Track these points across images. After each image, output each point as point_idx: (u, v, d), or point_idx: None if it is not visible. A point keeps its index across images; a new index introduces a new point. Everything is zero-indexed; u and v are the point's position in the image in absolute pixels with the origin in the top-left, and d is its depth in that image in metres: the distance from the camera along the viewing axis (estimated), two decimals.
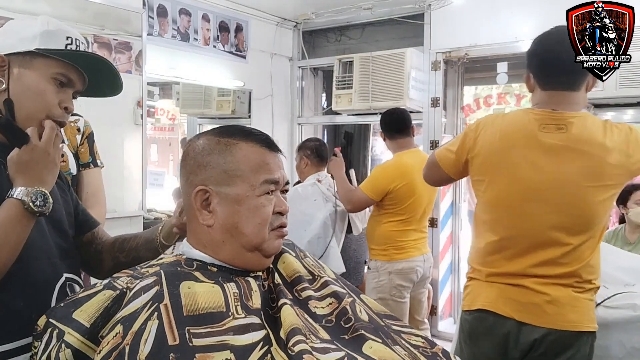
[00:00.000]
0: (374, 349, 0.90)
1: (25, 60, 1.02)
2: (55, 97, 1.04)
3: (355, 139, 4.85)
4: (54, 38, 1.03)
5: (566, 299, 1.45)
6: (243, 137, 0.99)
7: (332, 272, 1.11)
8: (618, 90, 2.83)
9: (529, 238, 1.47)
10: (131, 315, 0.83)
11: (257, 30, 4.05)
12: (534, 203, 1.46)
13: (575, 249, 1.44)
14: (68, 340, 0.83)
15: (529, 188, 1.47)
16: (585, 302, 1.46)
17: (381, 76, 3.74)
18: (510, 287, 1.49)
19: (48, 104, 1.03)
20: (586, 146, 1.43)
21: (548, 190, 1.45)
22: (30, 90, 1.02)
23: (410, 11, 3.84)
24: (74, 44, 1.05)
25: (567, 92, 1.51)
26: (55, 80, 1.04)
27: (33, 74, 1.02)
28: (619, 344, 1.56)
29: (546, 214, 1.45)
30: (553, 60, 1.56)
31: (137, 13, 3.10)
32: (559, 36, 1.58)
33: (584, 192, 1.43)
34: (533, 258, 1.46)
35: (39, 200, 0.96)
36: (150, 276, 0.89)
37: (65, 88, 1.06)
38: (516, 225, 1.49)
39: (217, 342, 0.81)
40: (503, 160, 1.50)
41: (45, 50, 1.02)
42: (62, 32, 1.05)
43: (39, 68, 1.02)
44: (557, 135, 1.45)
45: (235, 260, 0.97)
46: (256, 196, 0.96)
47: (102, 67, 1.10)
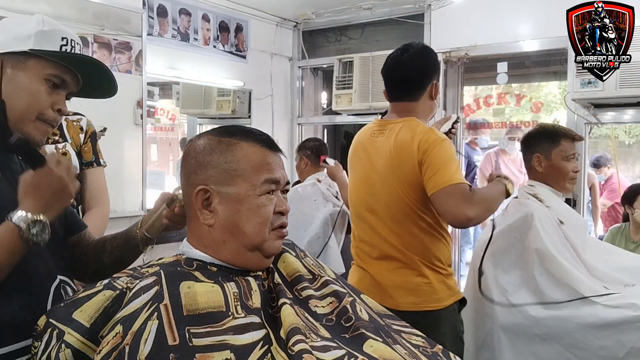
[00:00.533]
0: (375, 348, 0.90)
1: (18, 60, 1.01)
2: (48, 99, 1.03)
3: None
4: (48, 38, 1.02)
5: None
6: (244, 136, 0.99)
7: (333, 272, 1.11)
8: (618, 90, 2.82)
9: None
10: (131, 315, 0.83)
11: (257, 30, 4.05)
12: (364, 198, 1.78)
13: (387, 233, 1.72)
14: (68, 340, 0.83)
15: (360, 182, 1.81)
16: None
17: (381, 76, 3.73)
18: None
19: (40, 106, 1.02)
20: (394, 148, 1.69)
21: (373, 186, 1.74)
22: (23, 91, 1.00)
23: (410, 11, 3.84)
24: (69, 45, 1.04)
25: (404, 102, 1.79)
26: (48, 82, 1.02)
27: (26, 75, 1.01)
28: (619, 344, 1.57)
29: (370, 205, 1.75)
30: (389, 78, 1.85)
31: (137, 13, 3.10)
32: (396, 54, 1.86)
33: (389, 185, 1.69)
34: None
35: (37, 229, 0.92)
36: (150, 276, 0.89)
37: (59, 90, 1.04)
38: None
39: (217, 342, 0.81)
40: (350, 162, 1.88)
41: (39, 51, 1.00)
42: (57, 32, 1.03)
43: (33, 69, 1.01)
44: (379, 139, 1.75)
45: (235, 260, 0.97)
46: (257, 195, 0.96)
47: (97, 69, 1.09)
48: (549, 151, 1.90)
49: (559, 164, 1.89)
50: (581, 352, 1.60)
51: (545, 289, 1.69)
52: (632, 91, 2.81)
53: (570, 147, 1.89)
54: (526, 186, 1.96)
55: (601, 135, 7.57)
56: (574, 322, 1.61)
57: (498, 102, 4.34)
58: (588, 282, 1.69)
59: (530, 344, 1.67)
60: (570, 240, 1.79)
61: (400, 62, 1.83)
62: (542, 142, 1.92)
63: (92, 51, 2.85)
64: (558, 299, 1.66)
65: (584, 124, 3.14)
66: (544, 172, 1.92)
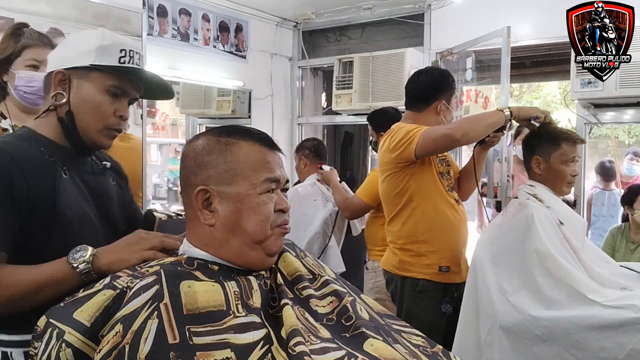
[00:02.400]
0: (375, 347, 0.90)
1: (83, 74, 1.10)
2: (111, 107, 1.12)
3: (355, 139, 4.85)
4: (108, 52, 1.10)
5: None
6: (243, 136, 0.99)
7: (332, 272, 1.11)
8: (618, 90, 2.82)
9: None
10: (131, 314, 0.83)
11: (257, 30, 4.05)
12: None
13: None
14: (68, 339, 0.83)
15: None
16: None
17: (381, 76, 3.74)
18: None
19: (104, 115, 1.12)
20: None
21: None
22: (88, 102, 1.11)
23: (410, 11, 3.84)
24: (127, 56, 1.12)
25: (409, 111, 2.20)
26: (109, 92, 1.12)
27: (90, 87, 1.10)
28: (619, 345, 1.56)
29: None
30: (405, 89, 2.24)
31: (137, 13, 3.10)
32: (415, 72, 2.23)
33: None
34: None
35: (85, 267, 1.00)
36: (150, 275, 0.89)
37: (120, 98, 1.14)
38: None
39: (218, 341, 0.81)
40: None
41: (99, 65, 1.09)
42: (117, 45, 1.11)
43: (95, 81, 1.10)
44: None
45: (237, 259, 0.97)
46: (257, 194, 0.96)
47: (153, 77, 1.18)
48: (548, 153, 1.89)
49: (558, 167, 1.88)
50: (581, 353, 1.60)
51: (546, 289, 1.69)
52: (632, 91, 2.81)
53: (571, 150, 1.88)
54: (526, 186, 1.96)
55: (601, 135, 7.58)
56: (574, 322, 1.61)
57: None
58: (589, 282, 1.69)
59: (530, 345, 1.67)
60: (569, 241, 1.79)
61: (415, 78, 2.19)
62: (542, 143, 1.91)
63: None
64: (558, 299, 1.66)
65: (584, 124, 3.14)
66: (542, 174, 1.92)
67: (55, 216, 1.04)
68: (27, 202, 1.01)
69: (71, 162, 1.13)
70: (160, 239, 1.05)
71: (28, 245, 1.03)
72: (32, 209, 1.02)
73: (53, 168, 1.08)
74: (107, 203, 1.18)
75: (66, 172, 1.09)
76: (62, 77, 1.11)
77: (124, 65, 1.11)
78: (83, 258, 1.00)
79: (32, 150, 1.08)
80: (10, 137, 1.17)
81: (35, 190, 1.02)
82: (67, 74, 1.11)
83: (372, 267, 2.73)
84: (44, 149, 1.09)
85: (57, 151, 1.11)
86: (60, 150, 1.12)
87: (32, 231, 1.03)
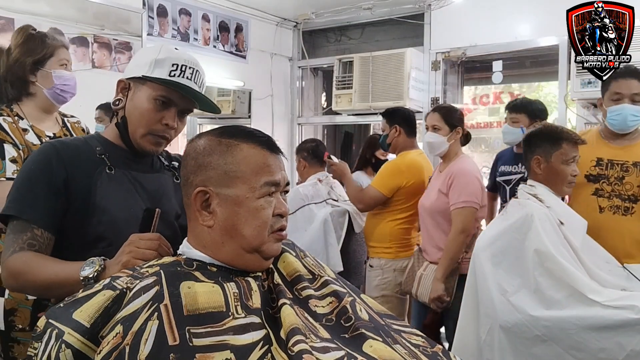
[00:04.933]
0: (374, 348, 0.90)
1: (139, 84, 1.22)
2: (157, 115, 1.21)
3: (355, 139, 4.85)
4: (160, 66, 1.19)
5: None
6: (244, 138, 0.98)
7: (332, 272, 1.11)
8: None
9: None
10: (131, 315, 0.83)
11: (257, 30, 4.05)
12: None
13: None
14: (68, 340, 0.83)
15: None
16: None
17: (381, 76, 3.74)
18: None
19: (149, 121, 1.21)
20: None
21: None
22: (137, 108, 1.21)
23: (410, 11, 3.85)
24: (178, 70, 1.20)
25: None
26: (157, 101, 1.20)
27: (141, 95, 1.21)
28: (619, 346, 1.56)
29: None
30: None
31: (137, 13, 3.10)
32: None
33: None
34: None
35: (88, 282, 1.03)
36: (150, 276, 0.89)
37: (169, 107, 1.21)
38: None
39: (217, 342, 0.81)
40: None
41: (148, 77, 1.19)
42: (169, 59, 1.20)
43: (147, 91, 1.20)
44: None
45: (234, 261, 0.97)
46: (256, 198, 0.95)
47: (198, 94, 1.24)
48: (549, 153, 1.89)
49: (558, 167, 1.88)
50: (581, 354, 1.60)
51: (546, 289, 1.69)
52: None
53: (572, 150, 1.88)
54: (527, 186, 1.96)
55: None
56: (574, 323, 1.61)
57: (493, 102, 4.34)
58: (589, 282, 1.68)
59: (530, 345, 1.67)
60: (570, 241, 1.79)
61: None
62: (543, 143, 1.91)
63: (92, 51, 2.85)
64: (558, 299, 1.66)
65: (584, 124, 3.14)
66: (543, 174, 1.91)
67: (89, 204, 1.15)
68: (65, 188, 1.14)
69: (124, 161, 1.24)
70: (132, 254, 1.06)
71: (66, 231, 1.15)
72: (70, 196, 1.14)
73: (99, 163, 1.19)
74: (159, 199, 1.26)
75: (112, 168, 1.20)
76: (123, 86, 1.23)
77: (167, 80, 1.19)
78: (89, 274, 1.04)
79: (86, 148, 1.21)
80: (73, 138, 1.34)
81: (73, 179, 1.15)
82: (128, 83, 1.23)
83: (378, 265, 2.72)
84: (99, 147, 1.22)
85: (113, 150, 1.23)
86: (116, 150, 1.24)
87: (70, 217, 1.15)
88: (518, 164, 2.69)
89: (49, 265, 1.10)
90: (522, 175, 2.60)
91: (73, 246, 1.16)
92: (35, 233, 1.12)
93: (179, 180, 1.31)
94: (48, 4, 2.70)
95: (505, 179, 2.77)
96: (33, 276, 1.09)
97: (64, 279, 1.06)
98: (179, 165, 1.33)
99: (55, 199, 1.13)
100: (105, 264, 1.06)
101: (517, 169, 2.71)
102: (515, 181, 2.67)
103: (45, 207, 1.13)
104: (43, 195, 1.13)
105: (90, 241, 1.15)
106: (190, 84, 1.22)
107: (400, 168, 2.68)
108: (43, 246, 1.13)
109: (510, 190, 2.69)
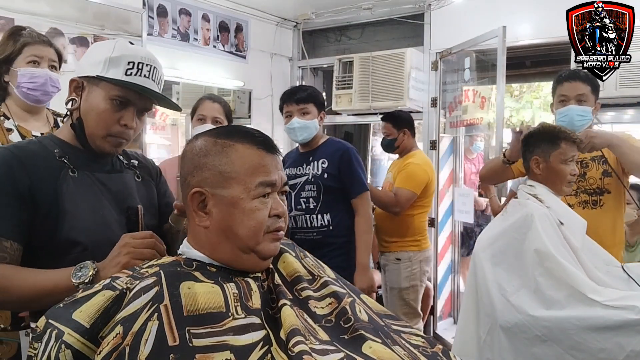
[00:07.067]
0: (374, 349, 0.90)
1: (93, 83, 1.16)
2: (114, 116, 1.16)
3: (355, 139, 4.85)
4: (116, 65, 1.14)
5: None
6: (240, 138, 0.97)
7: (332, 272, 1.11)
8: (618, 90, 2.83)
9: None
10: (131, 315, 0.83)
11: (257, 30, 4.05)
12: None
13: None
14: (68, 340, 0.83)
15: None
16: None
17: (381, 76, 3.74)
18: None
19: (107, 123, 1.16)
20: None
21: None
22: (93, 109, 1.16)
23: (410, 11, 3.84)
24: (134, 68, 1.15)
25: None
26: (114, 101, 1.16)
27: (97, 96, 1.16)
28: (619, 347, 1.56)
29: None
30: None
31: (137, 13, 3.10)
32: None
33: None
34: None
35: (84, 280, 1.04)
36: (150, 276, 0.89)
37: (126, 107, 1.17)
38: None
39: (217, 343, 0.81)
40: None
41: (102, 77, 1.14)
42: (125, 57, 1.14)
43: (102, 90, 1.15)
44: None
45: (232, 262, 0.97)
46: (250, 199, 0.94)
47: (155, 93, 1.19)
48: (548, 153, 1.89)
49: (557, 167, 1.88)
50: (581, 354, 1.60)
51: (546, 289, 1.69)
52: (632, 91, 2.82)
53: (571, 149, 1.88)
54: (526, 186, 1.96)
55: None
56: (574, 323, 1.61)
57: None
58: (589, 282, 1.68)
59: (530, 345, 1.67)
60: (569, 241, 1.79)
61: None
62: (541, 143, 1.91)
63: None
64: (558, 299, 1.66)
65: None
66: (542, 174, 1.91)
67: (58, 210, 1.10)
68: (30, 196, 1.09)
69: (84, 162, 1.19)
70: (130, 255, 1.06)
71: (34, 239, 1.11)
72: (36, 203, 1.09)
73: (60, 167, 1.15)
74: (125, 199, 1.23)
75: (74, 170, 1.16)
76: (76, 85, 1.18)
77: (122, 81, 1.14)
78: (84, 278, 1.03)
79: (44, 151, 1.16)
80: (27, 141, 1.25)
81: (37, 185, 1.10)
82: (81, 82, 1.17)
83: (407, 258, 2.92)
84: (58, 150, 1.16)
85: (71, 152, 1.18)
86: (74, 152, 1.19)
87: (38, 224, 1.10)
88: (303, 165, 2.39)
89: (30, 276, 1.07)
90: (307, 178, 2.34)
91: (44, 254, 1.11)
92: (4, 245, 1.07)
93: (140, 179, 1.31)
94: (48, 4, 2.70)
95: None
96: (15, 290, 1.05)
97: (52, 288, 1.04)
98: (139, 164, 1.33)
99: (20, 208, 1.08)
100: (99, 267, 1.05)
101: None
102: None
103: (12, 217, 1.08)
104: (8, 205, 1.07)
105: (64, 247, 1.11)
106: (147, 83, 1.17)
107: (422, 167, 2.94)
108: (14, 258, 1.08)
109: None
